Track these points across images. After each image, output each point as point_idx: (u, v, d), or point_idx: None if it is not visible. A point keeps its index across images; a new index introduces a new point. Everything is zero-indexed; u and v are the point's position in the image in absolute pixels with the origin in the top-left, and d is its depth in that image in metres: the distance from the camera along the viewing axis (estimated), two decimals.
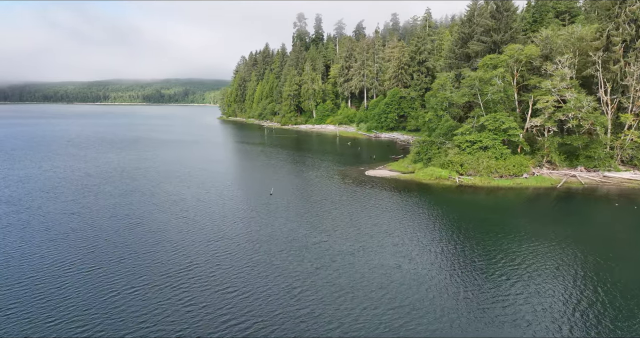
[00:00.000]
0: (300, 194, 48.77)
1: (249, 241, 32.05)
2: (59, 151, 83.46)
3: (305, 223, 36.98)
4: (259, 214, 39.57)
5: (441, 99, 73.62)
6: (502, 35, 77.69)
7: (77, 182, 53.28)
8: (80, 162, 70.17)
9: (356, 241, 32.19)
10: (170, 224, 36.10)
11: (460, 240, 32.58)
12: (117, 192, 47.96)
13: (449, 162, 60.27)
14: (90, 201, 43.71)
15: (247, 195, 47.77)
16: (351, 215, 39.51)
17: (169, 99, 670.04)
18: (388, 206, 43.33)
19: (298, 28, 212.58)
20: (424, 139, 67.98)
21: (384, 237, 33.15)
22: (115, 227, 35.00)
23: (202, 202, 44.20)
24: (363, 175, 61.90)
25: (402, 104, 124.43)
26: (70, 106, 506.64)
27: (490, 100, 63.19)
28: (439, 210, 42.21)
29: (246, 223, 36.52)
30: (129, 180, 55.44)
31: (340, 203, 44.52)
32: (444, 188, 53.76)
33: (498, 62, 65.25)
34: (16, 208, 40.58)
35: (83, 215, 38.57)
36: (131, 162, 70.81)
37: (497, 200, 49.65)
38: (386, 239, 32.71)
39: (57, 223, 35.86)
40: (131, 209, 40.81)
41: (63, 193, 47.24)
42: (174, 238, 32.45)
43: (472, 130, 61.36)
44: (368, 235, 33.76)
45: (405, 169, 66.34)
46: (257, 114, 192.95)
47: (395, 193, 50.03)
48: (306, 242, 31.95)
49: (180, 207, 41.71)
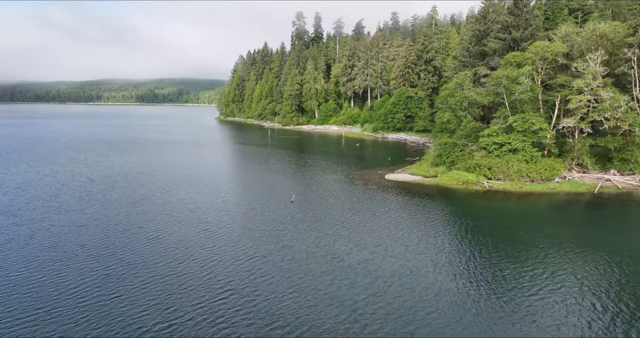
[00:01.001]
0: (323, 202, 45.05)
1: (284, 260, 28.30)
2: (57, 154, 79.14)
3: (341, 237, 33.30)
4: (286, 226, 35.81)
5: (460, 99, 70.27)
6: (521, 32, 74.41)
7: (80, 189, 49.24)
8: (80, 165, 65.97)
9: (405, 259, 28.56)
10: (191, 239, 32.26)
11: (525, 258, 29.06)
12: (125, 200, 44.00)
13: (476, 165, 56.84)
14: (97, 211, 39.74)
15: (267, 203, 43.97)
16: (388, 227, 35.88)
17: (162, 99, 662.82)
18: (423, 216, 39.73)
19: (297, 27, 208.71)
20: (445, 141, 64.48)
21: (434, 254, 29.55)
22: (130, 243, 31.12)
23: (221, 211, 40.36)
24: (384, 180, 58.34)
25: (409, 103, 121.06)
26: (63, 106, 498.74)
27: (517, 100, 59.84)
28: (479, 220, 38.66)
29: (275, 238, 32.76)
30: (136, 186, 51.47)
31: (369, 212, 40.87)
32: (473, 194, 50.29)
33: (522, 60, 62.03)
34: (16, 221, 36.54)
35: (91, 228, 34.62)
36: (134, 165, 66.76)
37: (532, 207, 46.21)
38: (439, 257, 29.10)
39: (64, 239, 31.90)
40: (144, 220, 36.92)
41: (66, 201, 43.21)
42: (198, 257, 28.63)
43: (499, 132, 57.94)
44: (416, 251, 30.13)
45: (427, 172, 62.85)
46: (257, 114, 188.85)
47: (425, 200, 46.46)
48: (350, 260, 28.28)
49: (197, 218, 37.86)
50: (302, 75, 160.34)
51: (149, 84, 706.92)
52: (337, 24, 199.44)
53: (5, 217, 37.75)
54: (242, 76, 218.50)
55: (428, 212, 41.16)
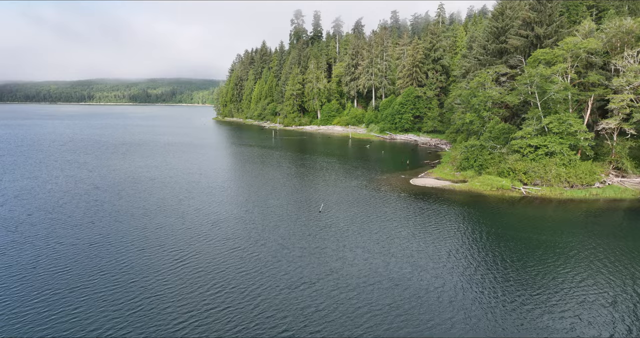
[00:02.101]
0: (355, 211, 41.01)
1: (338, 288, 24.21)
2: (55, 157, 74.34)
3: (385, 252, 29.34)
4: (325, 243, 31.69)
5: (484, 98, 66.67)
6: (545, 28, 70.88)
7: (85, 198, 44.80)
8: (82, 170, 61.37)
9: (463, 277, 24.61)
10: (222, 260, 28.08)
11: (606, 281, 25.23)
12: (137, 211, 39.68)
13: (509, 169, 53.11)
14: (108, 225, 35.41)
15: (294, 214, 39.84)
16: (432, 240, 31.96)
17: (156, 99, 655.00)
18: (462, 227, 35.87)
19: (295, 25, 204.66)
20: (471, 143, 60.73)
21: (502, 271, 25.65)
22: (152, 267, 26.89)
23: (248, 224, 36.17)
24: (410, 185, 54.47)
25: (417, 103, 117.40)
26: (54, 106, 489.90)
27: (550, 100, 56.21)
28: (525, 231, 34.80)
29: (318, 258, 28.62)
30: (145, 193, 47.12)
31: (404, 222, 36.95)
32: (511, 202, 46.49)
33: (553, 57, 58.47)
34: (17, 238, 32.13)
35: (105, 247, 30.31)
36: (140, 170, 62.27)
37: (574, 215, 42.25)
38: (509, 273, 25.20)
39: (75, 261, 27.60)
40: (163, 236, 32.69)
41: (72, 213, 38.79)
42: (237, 284, 24.47)
43: (534, 134, 54.25)
44: (473, 268, 26.22)
45: (454, 176, 59.05)
46: (256, 114, 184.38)
47: (459, 208, 42.60)
48: (407, 283, 24.30)
49: (222, 233, 33.68)
50: (303, 75, 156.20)
51: (141, 84, 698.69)
52: (336, 23, 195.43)
53: (4, 232, 33.33)
54: (240, 75, 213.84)
55: (467, 221, 37.29)
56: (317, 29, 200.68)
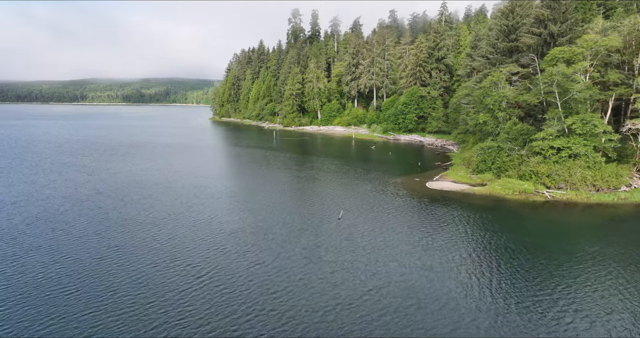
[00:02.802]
0: (374, 219, 38.53)
1: (382, 310, 21.74)
2: (51, 159, 71.23)
3: (422, 266, 26.96)
4: (355, 256, 29.15)
5: (499, 98, 64.45)
6: (559, 26, 68.78)
7: (87, 204, 41.98)
8: (81, 174, 58.43)
9: (511, 293, 22.26)
10: (247, 277, 25.49)
11: None
12: (146, 219, 36.97)
13: (531, 172, 50.89)
14: (116, 236, 32.67)
15: (314, 222, 37.27)
16: (467, 252, 29.58)
17: (149, 99, 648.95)
18: (494, 236, 33.52)
19: (293, 24, 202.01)
20: (488, 145, 58.49)
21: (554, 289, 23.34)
22: (170, 286, 24.22)
23: (267, 234, 33.58)
24: (427, 189, 52.12)
25: (421, 103, 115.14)
26: (47, 106, 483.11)
27: (571, 100, 54.03)
28: (557, 240, 32.54)
29: (350, 275, 26.09)
30: (152, 199, 44.36)
31: (432, 230, 34.56)
32: (536, 207, 44.30)
33: (572, 56, 56.31)
34: (18, 251, 29.34)
35: (115, 261, 27.60)
36: (143, 173, 59.43)
37: (611, 221, 40.14)
38: (556, 291, 22.89)
39: (84, 279, 24.90)
40: (178, 249, 30.02)
41: (75, 222, 36.01)
42: (271, 306, 21.92)
43: (556, 135, 52.06)
44: (521, 287, 23.89)
45: (471, 179, 56.79)
46: (255, 114, 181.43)
47: (485, 214, 40.32)
48: (457, 303, 21.90)
49: (242, 245, 31.06)
50: (303, 74, 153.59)
51: (135, 84, 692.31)
52: (333, 22, 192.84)
53: (3, 245, 30.51)
54: (237, 75, 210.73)
55: (493, 227, 34.94)
56: (315, 28, 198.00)
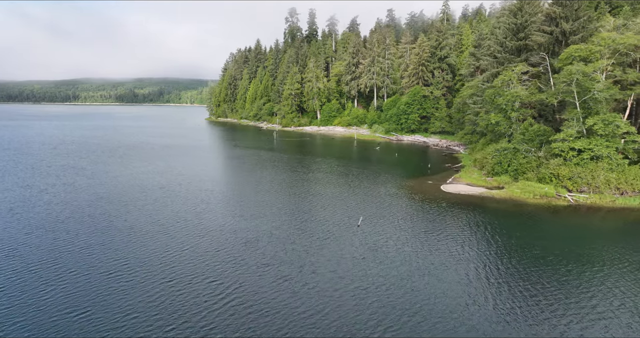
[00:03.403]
0: (395, 226, 36.41)
1: (429, 332, 19.60)
2: (47, 162, 68.40)
3: (461, 281, 24.85)
4: (385, 269, 26.95)
5: (512, 98, 62.57)
6: (571, 24, 67.11)
7: (89, 211, 39.45)
8: (80, 177, 55.79)
9: (564, 318, 20.22)
10: (274, 296, 23.21)
11: None
12: (154, 228, 34.53)
13: (552, 175, 49.00)
14: (123, 247, 30.23)
15: (332, 230, 35.03)
16: (500, 261, 27.54)
17: (143, 99, 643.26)
18: (519, 243, 31.50)
19: (290, 23, 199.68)
20: (504, 146, 56.63)
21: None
22: (193, 308, 21.90)
23: (286, 244, 31.26)
24: (442, 192, 50.12)
25: (424, 103, 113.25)
26: (38, 106, 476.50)
27: (591, 100, 52.22)
28: (599, 248, 30.59)
29: (387, 290, 23.95)
30: (159, 205, 41.90)
31: (459, 238, 32.49)
32: (558, 211, 42.49)
33: (589, 54, 54.55)
34: (17, 265, 26.85)
35: (127, 278, 25.18)
36: (145, 176, 56.88)
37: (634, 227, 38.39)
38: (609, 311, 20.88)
39: (94, 301, 22.49)
40: (193, 262, 27.68)
41: (78, 231, 33.50)
42: (309, 333, 19.71)
43: (576, 136, 50.21)
44: (563, 300, 21.86)
45: (486, 182, 54.87)
46: (252, 114, 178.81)
47: (507, 219, 38.36)
48: (518, 326, 19.80)
49: (261, 257, 28.78)
50: (302, 74, 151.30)
51: (128, 84, 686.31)
52: (330, 21, 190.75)
53: (1, 257, 27.99)
54: (233, 75, 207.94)
55: (528, 237, 32.94)
56: (312, 27, 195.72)
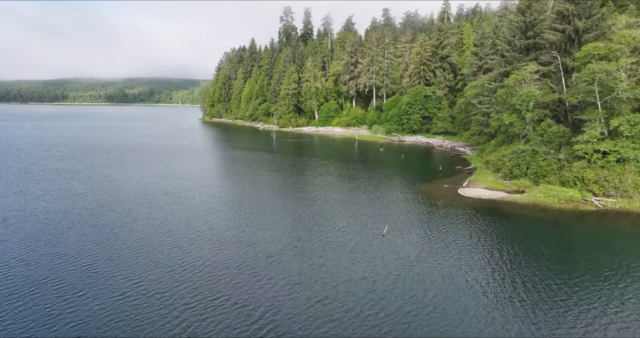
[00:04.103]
0: (423, 235, 33.94)
1: None
2: (40, 165, 64.98)
3: (521, 298, 22.42)
4: (431, 289, 24.46)
5: (526, 98, 60.46)
6: (584, 21, 65.24)
7: (91, 221, 36.46)
8: (77, 182, 52.61)
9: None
10: (316, 324, 20.56)
11: None
12: (165, 240, 31.67)
13: (577, 178, 46.88)
14: (134, 264, 27.35)
15: (357, 241, 32.44)
16: (545, 275, 25.19)
17: (133, 99, 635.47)
18: (557, 253, 29.21)
19: (285, 23, 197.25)
20: (522, 148, 54.49)
21: None
22: (223, 332, 19.25)
23: (313, 259, 28.57)
24: (461, 197, 47.83)
25: (426, 103, 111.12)
26: (26, 106, 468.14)
27: (613, 99, 50.25)
28: None
29: (441, 312, 21.44)
30: (164, 213, 39.01)
31: (492, 248, 30.12)
32: (585, 217, 40.36)
33: (608, 52, 52.64)
34: (16, 286, 23.91)
35: (142, 300, 22.37)
36: (146, 181, 53.83)
37: None
38: None
39: (109, 327, 19.72)
40: (212, 281, 24.93)
41: (82, 245, 30.54)
42: None
43: (601, 138, 48.16)
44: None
45: (504, 185, 52.66)
46: (248, 114, 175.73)
47: (537, 226, 36.14)
48: None
49: (288, 275, 26.11)
50: (300, 73, 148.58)
51: (118, 83, 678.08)
52: (325, 21, 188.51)
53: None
54: (228, 74, 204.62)
55: (561, 246, 30.66)
56: (307, 27, 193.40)
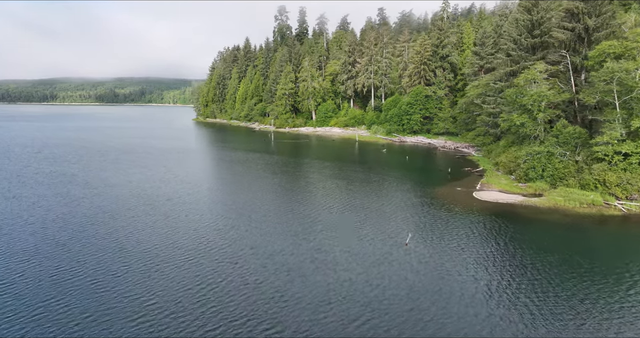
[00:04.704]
0: (446, 242, 31.98)
1: None
2: (33, 168, 62.06)
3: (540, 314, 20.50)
4: (481, 310, 22.47)
5: (538, 98, 58.79)
6: (594, 19, 63.86)
7: (92, 230, 33.94)
8: (74, 186, 49.92)
9: None
10: None
11: None
12: (176, 253, 29.30)
13: (597, 181, 45.21)
14: (145, 279, 24.96)
15: (381, 251, 30.39)
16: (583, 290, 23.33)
17: (124, 99, 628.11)
18: (593, 264, 27.40)
19: (279, 22, 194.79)
20: (537, 150, 52.78)
21: None
22: None
23: (338, 272, 26.43)
24: (478, 201, 45.98)
25: (427, 103, 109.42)
26: (14, 106, 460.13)
27: (632, 99, 48.72)
28: None
29: (491, 330, 19.46)
30: (171, 222, 36.58)
31: (526, 257, 28.22)
32: (606, 220, 38.64)
33: (624, 51, 51.22)
34: (15, 309, 21.46)
35: (164, 327, 20.09)
36: (146, 185, 51.26)
37: None
38: None
39: None
40: (235, 301, 22.73)
41: (86, 259, 28.04)
42: None
43: (622, 139, 46.57)
44: None
45: (519, 188, 50.90)
46: (243, 115, 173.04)
47: (565, 232, 34.32)
48: None
49: (315, 291, 23.93)
50: (297, 73, 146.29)
51: (108, 83, 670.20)
52: (320, 20, 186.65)
53: None
54: (222, 74, 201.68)
55: (596, 256, 28.85)
56: (302, 26, 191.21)
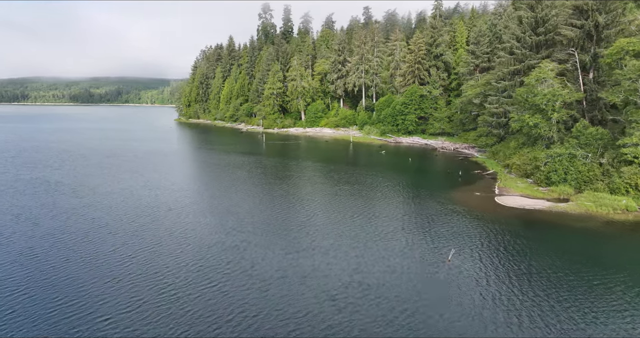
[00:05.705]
0: (491, 258, 28.78)
1: None
2: (12, 175, 56.62)
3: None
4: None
5: (552, 97, 56.43)
6: (604, 16, 62.06)
7: (89, 248, 29.53)
8: (61, 195, 44.97)
9: None
10: None
11: None
12: (190, 277, 25.26)
13: (629, 185, 42.79)
14: (162, 311, 20.93)
15: (423, 269, 26.96)
16: None
17: (99, 99, 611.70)
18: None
19: (263, 20, 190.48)
20: (558, 152, 50.24)
21: None
22: None
23: (374, 291, 22.89)
24: (503, 207, 43.11)
25: (422, 103, 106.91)
26: None
27: None
28: None
29: None
30: (179, 238, 32.39)
31: (580, 272, 25.21)
32: None
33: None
34: None
35: None
36: (141, 192, 46.74)
37: None
38: None
39: None
40: (269, 327, 18.97)
41: (88, 287, 23.77)
42: None
43: None
44: None
45: (542, 192, 48.23)
46: (228, 115, 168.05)
47: (610, 241, 31.58)
48: None
49: (348, 314, 20.36)
50: (285, 72, 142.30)
51: (83, 83, 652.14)
52: (304, 18, 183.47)
53: None
54: (205, 73, 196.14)
55: None
56: (287, 24, 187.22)
